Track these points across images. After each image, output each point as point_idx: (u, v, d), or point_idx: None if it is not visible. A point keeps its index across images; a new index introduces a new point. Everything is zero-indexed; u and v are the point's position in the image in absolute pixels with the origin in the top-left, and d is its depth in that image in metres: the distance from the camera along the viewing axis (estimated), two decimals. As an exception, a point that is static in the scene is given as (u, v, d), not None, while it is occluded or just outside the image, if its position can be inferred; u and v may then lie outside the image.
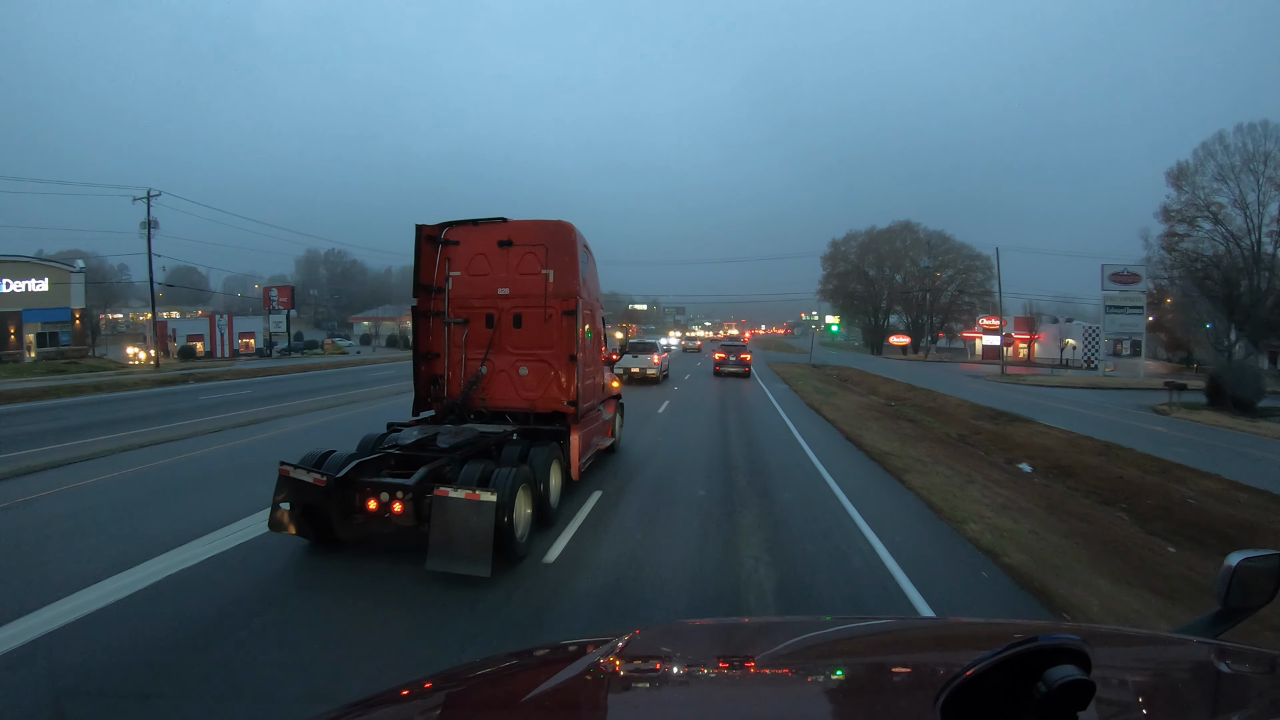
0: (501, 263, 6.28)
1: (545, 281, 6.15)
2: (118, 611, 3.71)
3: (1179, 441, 14.73)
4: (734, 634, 1.57)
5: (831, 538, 5.35)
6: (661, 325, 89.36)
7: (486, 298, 6.42)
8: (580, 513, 5.79)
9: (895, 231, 69.59)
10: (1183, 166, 39.21)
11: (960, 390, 24.29)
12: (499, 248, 6.27)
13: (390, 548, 4.84)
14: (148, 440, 9.41)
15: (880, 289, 69.55)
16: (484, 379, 6.37)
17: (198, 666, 3.07)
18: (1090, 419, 18.12)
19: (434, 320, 6.48)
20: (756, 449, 9.92)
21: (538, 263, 6.17)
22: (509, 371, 6.37)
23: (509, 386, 6.35)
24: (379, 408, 12.91)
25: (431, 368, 6.49)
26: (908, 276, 68.07)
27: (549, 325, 6.25)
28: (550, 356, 6.27)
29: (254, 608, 3.79)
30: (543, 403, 6.26)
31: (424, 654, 3.31)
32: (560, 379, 6.23)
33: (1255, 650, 1.17)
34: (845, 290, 70.39)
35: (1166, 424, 19.07)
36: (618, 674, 1.14)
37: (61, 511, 5.71)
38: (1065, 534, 5.93)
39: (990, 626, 1.75)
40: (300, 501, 4.52)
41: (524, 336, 6.35)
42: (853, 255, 70.79)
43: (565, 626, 3.59)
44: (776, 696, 1.07)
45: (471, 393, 6.29)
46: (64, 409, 13.75)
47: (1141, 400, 24.90)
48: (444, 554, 4.10)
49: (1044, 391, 28.42)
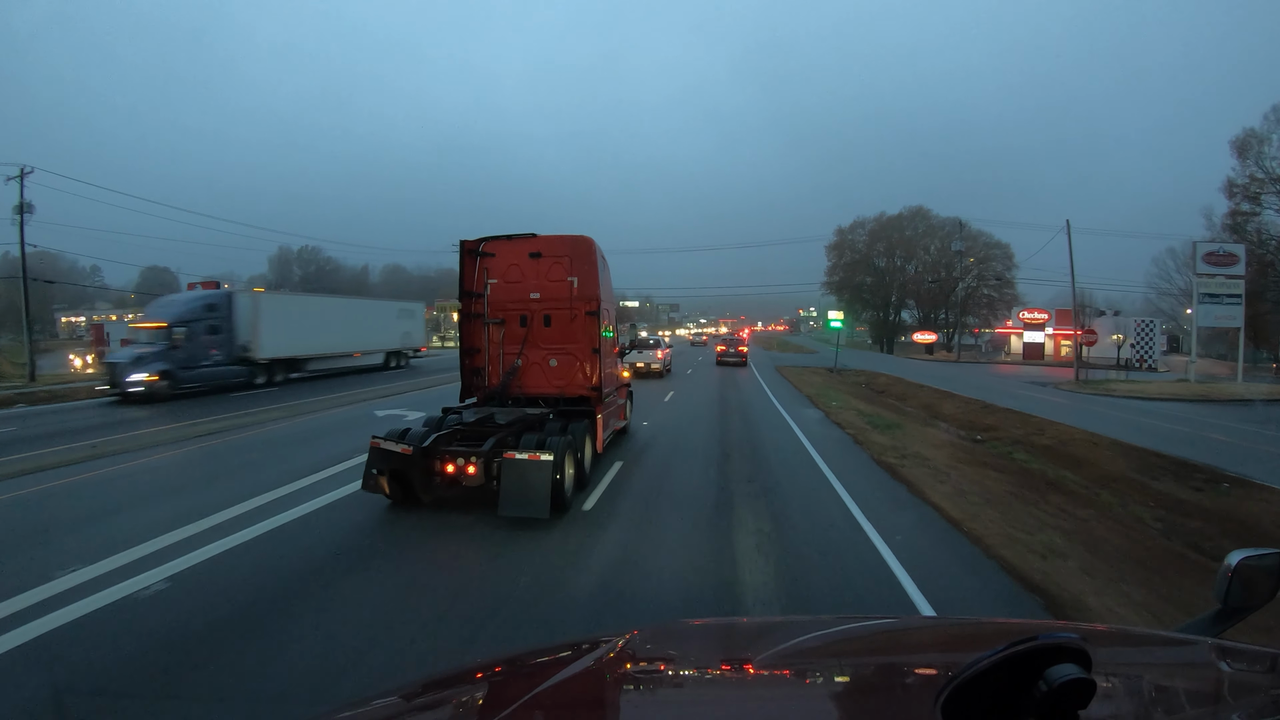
0: (533, 271, 7.69)
1: (571, 287, 7.58)
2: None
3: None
4: (734, 634, 1.63)
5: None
6: (655, 323, 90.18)
7: (520, 301, 7.89)
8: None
9: (907, 218, 65.97)
10: (1250, 135, 34.52)
11: (1053, 410, 17.82)
12: (530, 258, 7.67)
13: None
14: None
15: (891, 281, 66.40)
16: (519, 370, 7.73)
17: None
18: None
19: (475, 321, 7.82)
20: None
21: (564, 271, 7.58)
22: (541, 363, 7.77)
23: (541, 376, 7.75)
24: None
25: (474, 361, 7.91)
26: (923, 266, 64.46)
27: (574, 324, 7.73)
28: (576, 350, 7.75)
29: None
30: (570, 389, 7.68)
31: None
32: (585, 369, 7.66)
33: (1255, 650, 1.19)
34: (852, 283, 67.22)
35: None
36: (617, 674, 1.18)
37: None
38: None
39: (991, 626, 1.81)
40: (389, 468, 5.88)
41: (553, 334, 7.82)
42: (861, 244, 67.38)
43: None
44: (776, 696, 1.10)
45: (510, 381, 7.69)
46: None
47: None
48: (512, 502, 5.53)
49: (1162, 410, 20.82)
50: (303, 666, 3.31)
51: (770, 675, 1.18)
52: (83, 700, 3.04)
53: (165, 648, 3.51)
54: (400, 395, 16.89)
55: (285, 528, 5.71)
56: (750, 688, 1.14)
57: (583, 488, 6.97)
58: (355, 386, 19.47)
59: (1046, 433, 13.33)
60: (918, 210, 66.24)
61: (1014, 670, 0.72)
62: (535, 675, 1.16)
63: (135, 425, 11.92)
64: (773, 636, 1.46)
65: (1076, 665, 0.72)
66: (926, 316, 64.94)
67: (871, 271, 66.98)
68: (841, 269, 68.04)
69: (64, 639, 3.63)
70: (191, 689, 3.11)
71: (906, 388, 23.31)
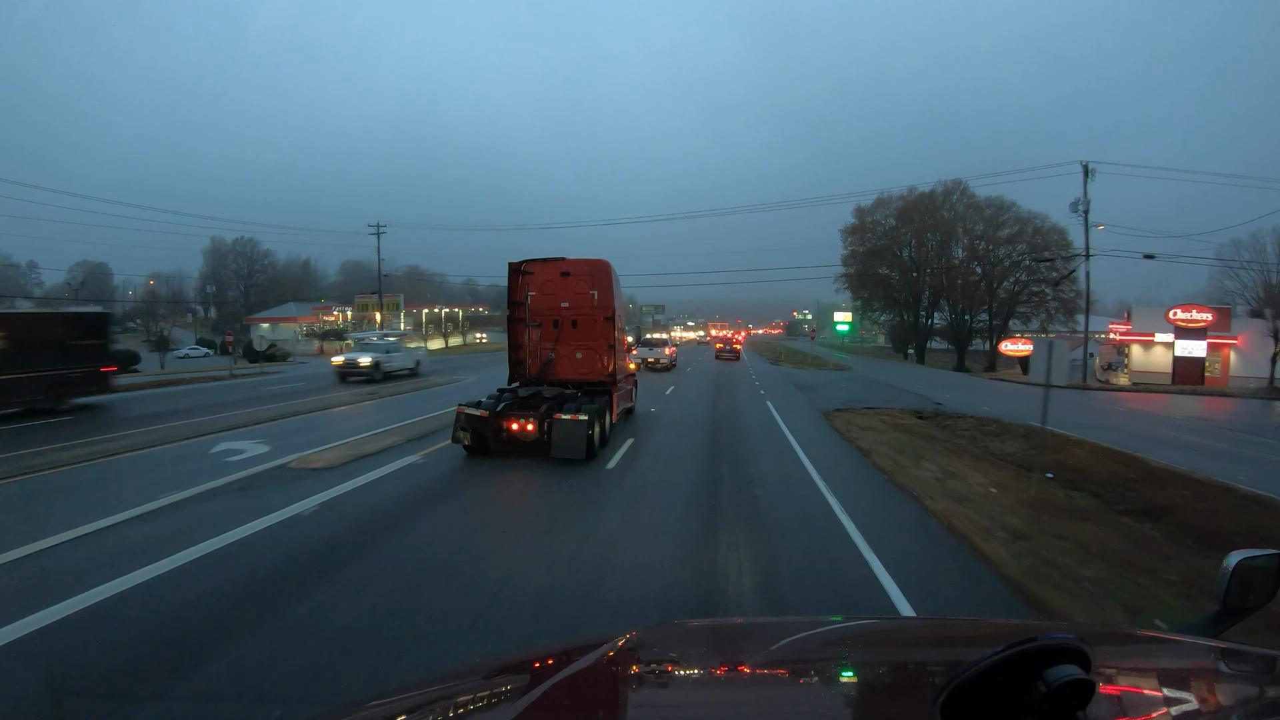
0: (563, 286, 10.95)
1: (592, 299, 10.87)
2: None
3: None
4: (733, 634, 1.74)
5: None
6: (641, 324, 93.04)
7: (553, 309, 11.14)
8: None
9: (942, 194, 56.81)
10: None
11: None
12: (561, 276, 10.95)
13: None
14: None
15: (922, 272, 57.25)
16: (553, 361, 10.82)
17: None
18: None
19: (519, 324, 10.87)
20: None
21: (587, 286, 10.84)
22: (569, 356, 11.00)
23: (569, 365, 10.99)
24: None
25: (517, 354, 11.05)
26: (969, 254, 54.94)
27: (595, 327, 11.07)
28: (596, 347, 11.06)
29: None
30: (592, 375, 10.98)
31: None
32: (603, 361, 10.93)
33: (1255, 650, 1.25)
34: (872, 276, 58.80)
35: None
36: (616, 675, 1.27)
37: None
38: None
39: (990, 626, 1.98)
40: (470, 427, 8.97)
41: (579, 334, 11.06)
42: (886, 228, 58.60)
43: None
44: (776, 697, 1.17)
45: (546, 369, 10.82)
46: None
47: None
48: (561, 448, 8.95)
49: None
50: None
51: (769, 675, 1.26)
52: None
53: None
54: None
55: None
56: (749, 688, 1.21)
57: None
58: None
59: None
60: (955, 185, 56.43)
61: (1013, 671, 0.76)
62: (535, 675, 1.22)
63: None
64: (772, 636, 1.54)
65: (1076, 666, 0.76)
66: (957, 320, 55.37)
67: (895, 263, 58.25)
68: (859, 259, 59.14)
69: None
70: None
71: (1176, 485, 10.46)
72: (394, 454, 9.61)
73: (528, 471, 8.79)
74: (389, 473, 8.39)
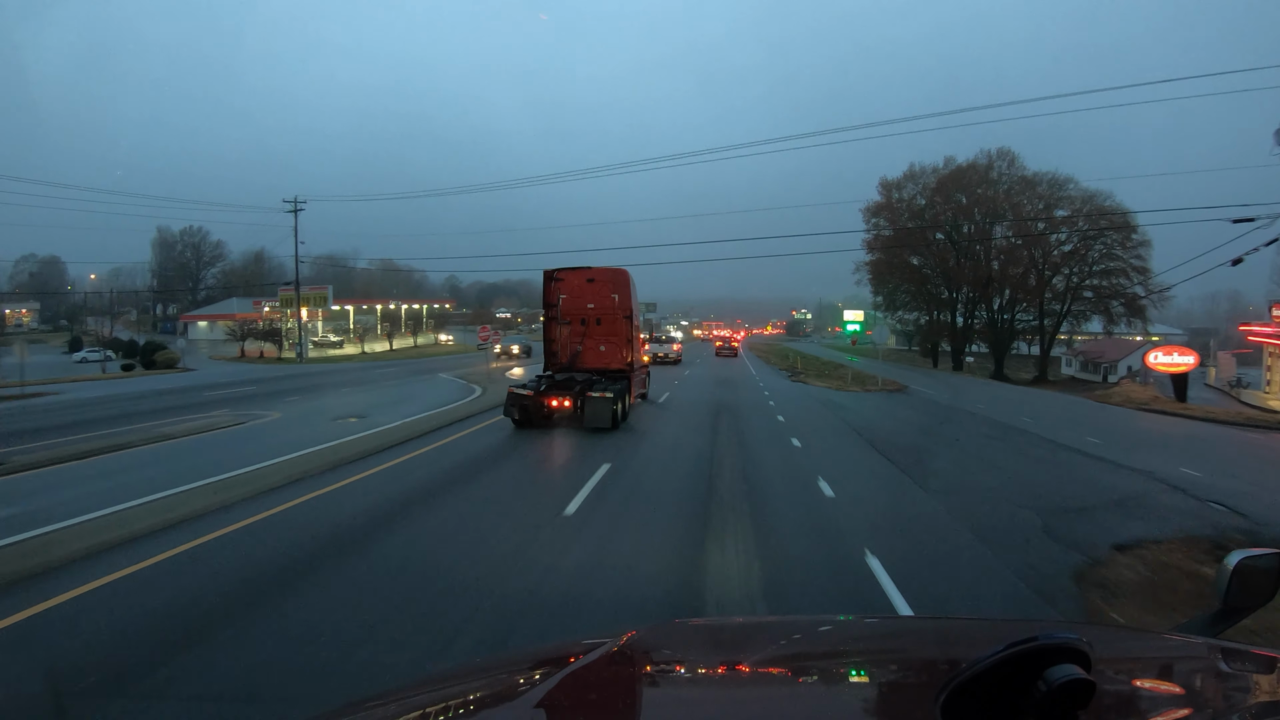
0: (589, 290, 14.28)
1: (614, 301, 14.07)
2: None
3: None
4: (733, 634, 1.80)
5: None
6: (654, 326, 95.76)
7: (581, 310, 14.72)
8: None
9: (982, 169, 49.83)
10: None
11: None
12: (587, 283, 14.03)
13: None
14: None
15: (964, 260, 50.13)
16: (580, 353, 13.82)
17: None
18: None
19: (551, 322, 13.88)
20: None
21: (609, 291, 14.10)
22: (594, 349, 14.39)
23: (594, 356, 14.43)
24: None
25: (551, 347, 14.25)
26: (1027, 238, 46.50)
27: (615, 324, 14.71)
28: (617, 341, 14.79)
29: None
30: (613, 365, 14.68)
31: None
32: (623, 353, 14.45)
33: (1255, 650, 1.28)
34: (899, 265, 51.72)
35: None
36: (616, 675, 1.30)
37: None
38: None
39: (990, 625, 2.09)
40: (519, 403, 11.99)
41: (602, 330, 14.56)
42: (919, 206, 51.32)
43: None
44: (776, 696, 1.20)
45: (575, 359, 14.01)
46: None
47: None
48: (592, 419, 12.98)
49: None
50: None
51: (769, 675, 1.30)
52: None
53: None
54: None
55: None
56: (749, 687, 1.24)
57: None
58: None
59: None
60: (1001, 153, 49.48)
61: (1014, 670, 0.77)
62: (535, 675, 1.23)
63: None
64: (772, 636, 1.60)
65: (1076, 666, 0.77)
66: (996, 316, 47.99)
67: (931, 248, 51.18)
68: (885, 246, 52.03)
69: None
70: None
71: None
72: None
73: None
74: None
